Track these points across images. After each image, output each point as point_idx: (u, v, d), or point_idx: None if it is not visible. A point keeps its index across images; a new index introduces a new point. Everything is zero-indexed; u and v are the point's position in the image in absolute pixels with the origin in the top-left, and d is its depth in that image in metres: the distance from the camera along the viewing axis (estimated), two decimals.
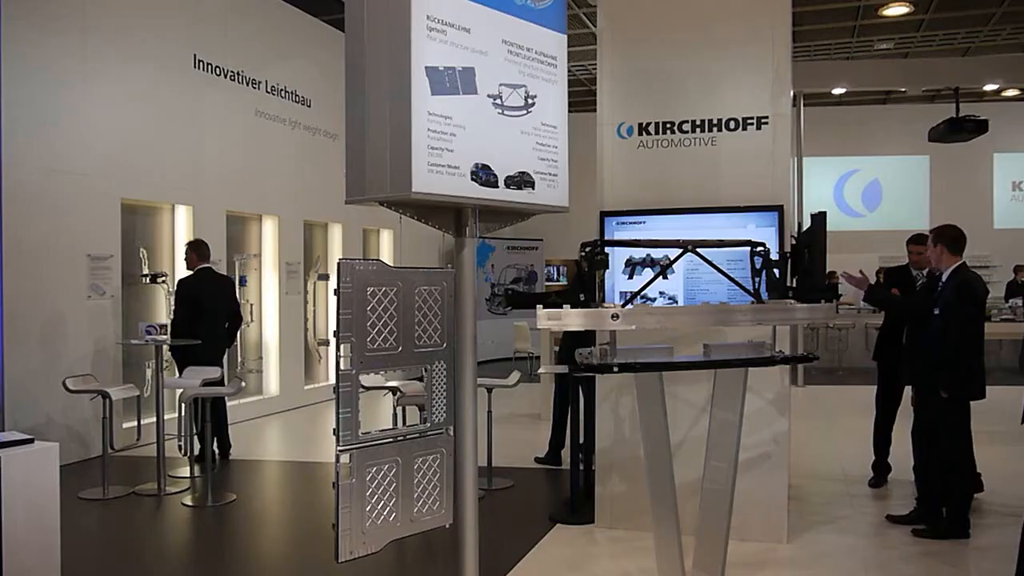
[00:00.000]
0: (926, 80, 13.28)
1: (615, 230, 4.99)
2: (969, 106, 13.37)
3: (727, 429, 3.66)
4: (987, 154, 15.69)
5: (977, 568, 4.61)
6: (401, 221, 11.80)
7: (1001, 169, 16.15)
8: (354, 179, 2.54)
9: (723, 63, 5.03)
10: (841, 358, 13.66)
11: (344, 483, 2.51)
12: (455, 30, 2.52)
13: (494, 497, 6.10)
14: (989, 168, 16.11)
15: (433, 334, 2.73)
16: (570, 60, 2.99)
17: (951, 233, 5.09)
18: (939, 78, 13.09)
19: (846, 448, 7.28)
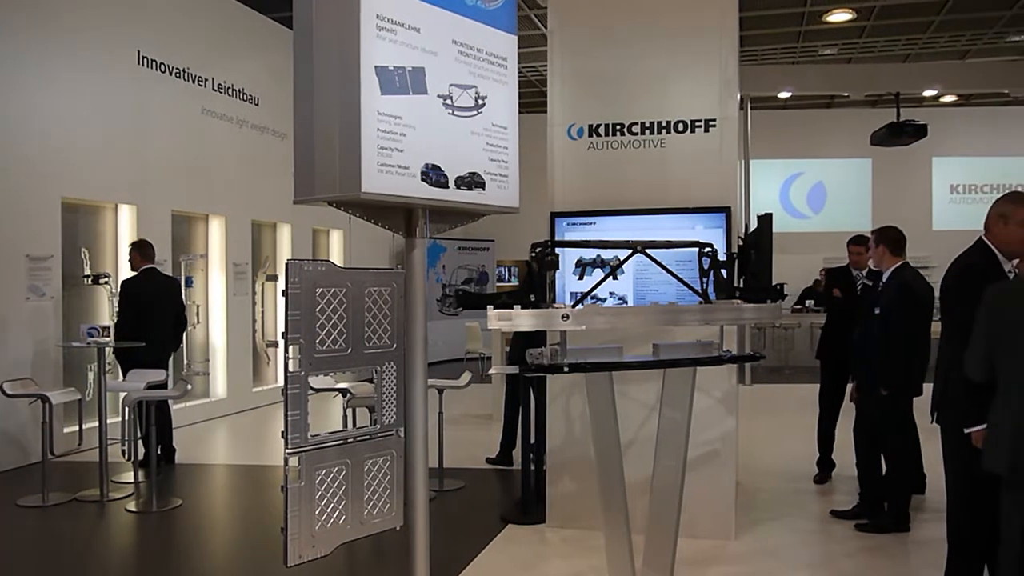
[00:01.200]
0: (868, 85, 13.61)
1: (565, 231, 5.02)
2: (909, 111, 13.74)
3: (676, 428, 3.70)
4: (926, 158, 16.11)
5: (916, 561, 4.74)
6: (351, 221, 11.71)
7: (939, 172, 16.60)
8: (302, 179, 2.51)
9: (672, 66, 5.09)
10: (787, 357, 13.92)
11: (293, 486, 2.48)
12: (405, 30, 2.51)
13: (445, 498, 6.08)
14: (928, 171, 16.54)
15: (383, 335, 2.71)
16: (521, 61, 2.99)
17: (892, 234, 5.22)
18: (881, 83, 13.42)
19: (792, 445, 7.42)
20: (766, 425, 8.84)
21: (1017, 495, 3.08)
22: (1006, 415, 3.10)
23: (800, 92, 13.72)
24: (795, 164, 16.53)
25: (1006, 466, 3.06)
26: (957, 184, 16.51)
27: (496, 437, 7.19)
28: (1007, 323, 3.12)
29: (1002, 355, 3.13)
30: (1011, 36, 12.80)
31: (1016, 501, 3.09)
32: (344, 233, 12.59)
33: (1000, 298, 3.19)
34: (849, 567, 4.65)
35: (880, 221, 7.21)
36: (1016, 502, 3.10)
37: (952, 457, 3.72)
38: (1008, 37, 12.85)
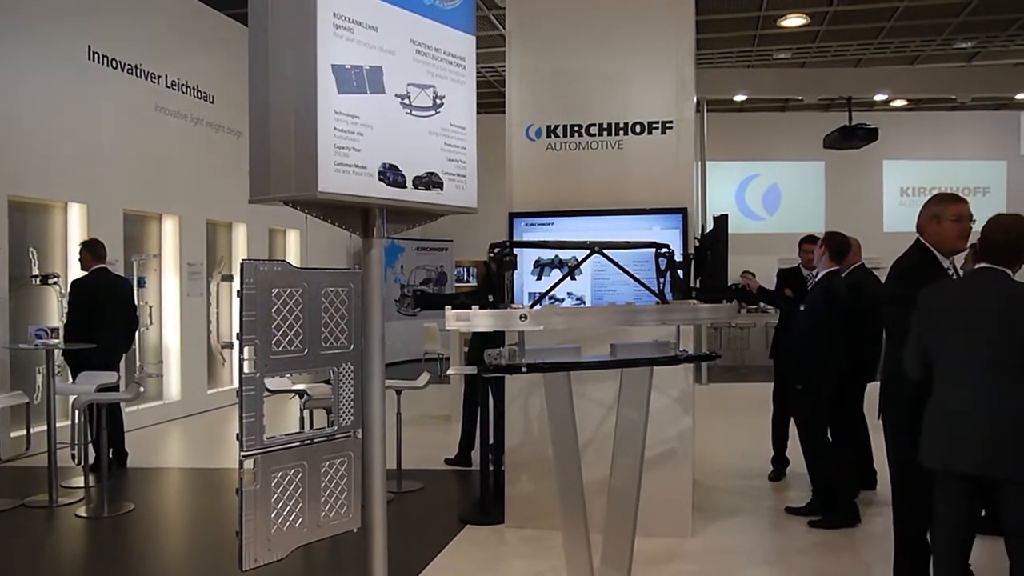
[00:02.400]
0: (821, 89, 13.84)
1: (523, 231, 5.03)
2: (861, 115, 14.00)
3: (633, 427, 3.73)
4: (877, 161, 16.44)
5: (868, 555, 4.82)
6: (307, 221, 11.60)
7: (890, 175, 16.95)
8: (258, 178, 2.48)
9: (630, 68, 5.13)
10: (743, 356, 14.10)
11: (248, 489, 2.45)
12: (362, 28, 2.50)
13: (403, 500, 6.06)
14: (879, 174, 16.88)
15: (340, 336, 2.69)
16: (479, 61, 2.99)
17: (837, 240, 5.39)
18: (833, 88, 13.66)
19: (747, 443, 7.52)
20: (722, 424, 8.95)
21: (949, 489, 3.17)
22: (939, 412, 3.18)
23: (755, 95, 13.91)
24: (750, 166, 16.75)
25: (941, 460, 3.14)
26: (907, 187, 16.88)
27: (455, 438, 7.18)
28: (937, 321, 3.20)
29: (937, 354, 3.21)
30: (958, 43, 13.13)
31: (947, 496, 3.17)
32: (301, 233, 12.47)
33: (932, 298, 3.28)
34: (803, 563, 4.72)
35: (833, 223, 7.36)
36: (948, 497, 3.17)
37: (894, 452, 3.82)
38: (955, 44, 13.18)
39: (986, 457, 3.01)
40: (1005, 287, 3.11)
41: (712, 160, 13.45)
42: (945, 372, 3.18)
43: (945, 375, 3.18)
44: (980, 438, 3.03)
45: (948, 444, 3.11)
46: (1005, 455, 2.98)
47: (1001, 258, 3.14)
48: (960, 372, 3.12)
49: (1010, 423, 2.99)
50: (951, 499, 3.18)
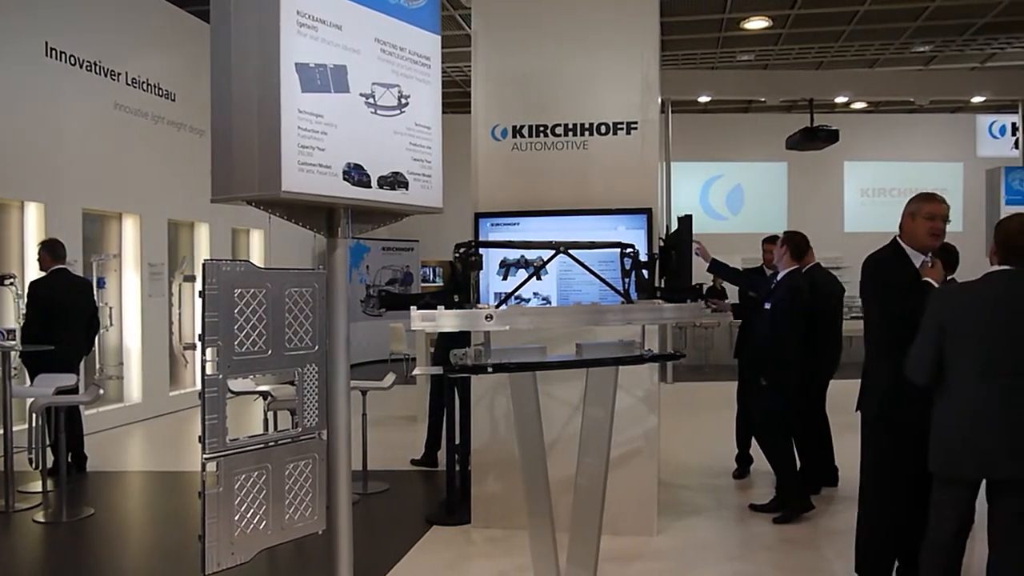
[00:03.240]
0: (784, 91, 14.01)
1: (489, 231, 5.03)
2: (822, 116, 14.19)
3: (599, 426, 3.74)
4: (839, 162, 16.67)
5: (830, 551, 4.89)
6: (270, 221, 11.49)
7: (851, 176, 17.21)
8: (220, 177, 2.45)
9: (595, 69, 5.15)
10: (707, 356, 14.22)
11: (210, 492, 2.42)
12: (326, 27, 2.48)
13: (369, 501, 6.03)
14: (840, 175, 17.12)
15: (304, 336, 2.67)
16: (445, 61, 2.99)
17: (797, 240, 5.47)
18: (795, 89, 13.83)
19: (712, 442, 7.58)
20: (687, 423, 9.02)
21: (955, 495, 3.19)
22: (956, 418, 3.17)
23: (719, 96, 14.05)
24: (714, 167, 16.90)
25: (968, 467, 3.14)
26: (867, 188, 17.14)
27: (421, 438, 7.16)
28: (956, 326, 3.19)
29: (951, 358, 3.18)
30: (916, 47, 13.37)
31: (956, 500, 3.20)
32: (265, 233, 12.35)
33: (947, 301, 3.27)
34: (768, 558, 4.78)
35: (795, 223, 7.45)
36: (956, 501, 3.20)
37: (867, 446, 3.87)
38: (913, 48, 13.42)
39: (1016, 461, 3.02)
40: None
41: (676, 161, 13.55)
42: (962, 378, 3.15)
43: (963, 381, 3.15)
44: (1008, 444, 3.03)
45: (968, 450, 3.11)
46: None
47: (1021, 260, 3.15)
48: (982, 378, 3.10)
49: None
50: (958, 504, 3.19)
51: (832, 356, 6.00)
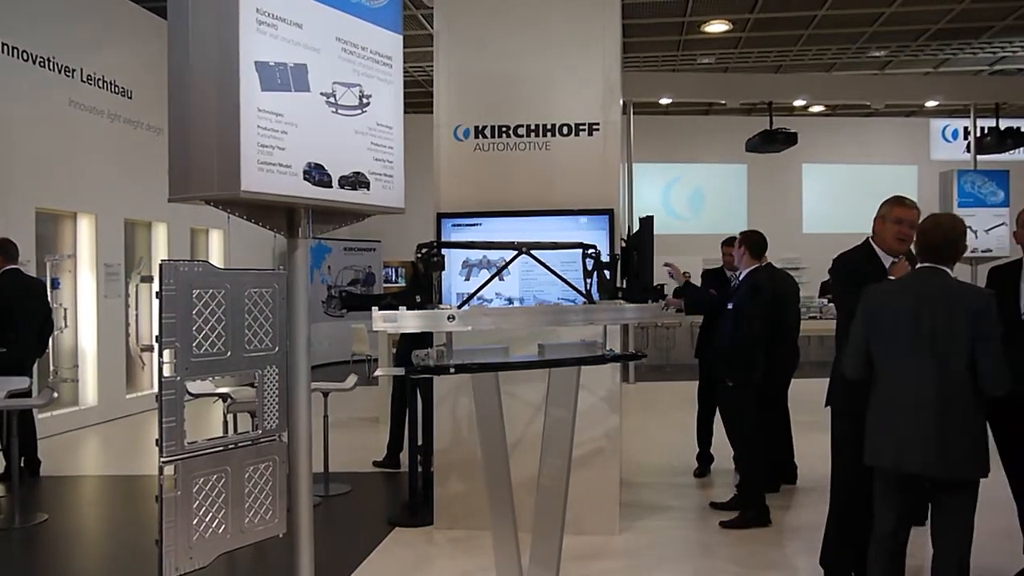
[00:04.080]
0: (743, 94, 14.20)
1: (451, 232, 5.02)
2: (781, 119, 14.39)
3: (561, 426, 3.76)
4: (797, 164, 16.94)
5: (790, 548, 4.97)
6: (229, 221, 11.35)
7: (809, 178, 17.49)
8: (178, 176, 2.42)
9: (557, 70, 5.17)
10: (668, 355, 14.33)
11: (168, 496, 2.39)
12: (286, 25, 2.46)
13: (331, 503, 5.98)
14: (799, 177, 17.40)
15: (264, 338, 2.65)
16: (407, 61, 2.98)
17: (755, 238, 5.52)
18: (754, 92, 14.02)
19: (673, 441, 7.65)
20: (649, 422, 9.09)
21: (891, 487, 3.26)
22: (883, 411, 3.25)
23: (680, 99, 14.18)
24: (676, 168, 17.06)
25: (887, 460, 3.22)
26: (825, 189, 17.43)
27: (383, 440, 7.12)
28: (884, 322, 3.27)
29: (880, 354, 3.27)
30: (872, 52, 13.62)
31: (889, 493, 3.27)
32: (224, 233, 12.20)
33: (874, 297, 3.35)
34: (727, 555, 4.83)
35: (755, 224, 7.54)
36: (889, 494, 3.27)
37: (836, 442, 3.93)
38: (869, 52, 13.67)
39: (932, 457, 3.08)
40: (946, 286, 3.20)
41: (639, 162, 13.65)
42: (888, 371, 3.24)
43: (888, 374, 3.24)
44: (926, 438, 3.10)
45: (894, 444, 3.18)
46: (949, 456, 3.07)
47: (940, 256, 3.24)
48: (903, 371, 3.18)
49: (954, 424, 3.07)
50: (892, 497, 3.27)
51: (789, 355, 6.08)
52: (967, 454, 3.08)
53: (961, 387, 3.07)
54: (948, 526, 3.15)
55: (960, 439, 3.07)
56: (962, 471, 3.10)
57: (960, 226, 3.30)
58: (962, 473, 3.10)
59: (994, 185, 12.81)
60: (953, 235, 3.25)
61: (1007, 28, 12.29)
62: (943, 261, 3.23)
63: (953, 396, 3.07)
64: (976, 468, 3.10)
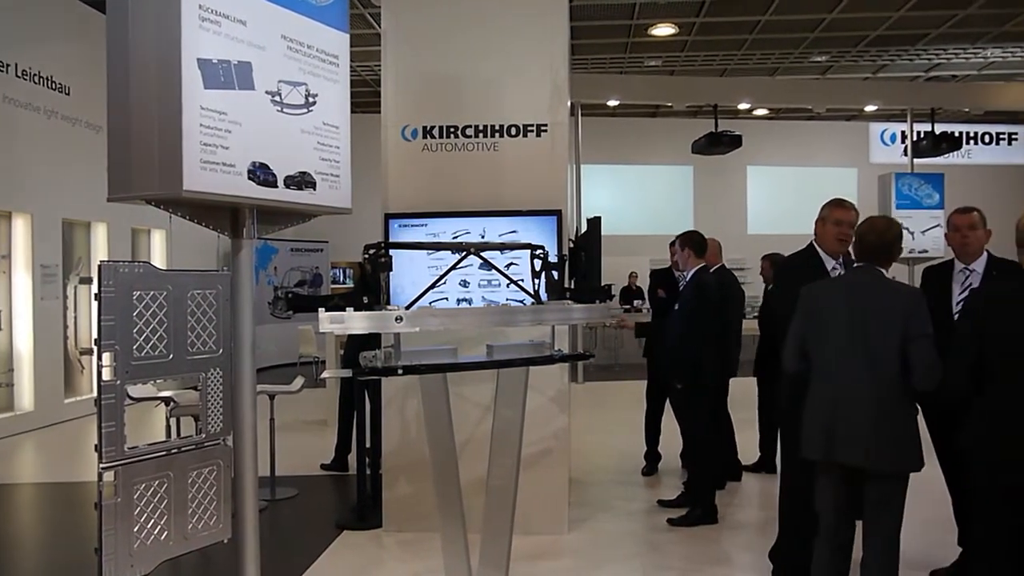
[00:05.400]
0: (689, 96, 14.40)
1: (398, 232, 4.99)
2: (727, 122, 14.63)
3: (510, 427, 3.76)
4: (742, 166, 17.23)
5: (735, 544, 5.04)
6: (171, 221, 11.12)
7: (753, 180, 17.81)
8: (118, 175, 2.37)
9: (505, 71, 5.17)
10: (617, 355, 14.46)
11: (108, 503, 2.34)
12: (230, 22, 2.42)
13: (277, 508, 5.90)
14: (743, 179, 17.70)
15: (208, 340, 2.60)
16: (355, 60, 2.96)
17: (695, 238, 5.58)
18: (700, 95, 14.23)
19: (621, 440, 7.71)
20: (597, 421, 9.16)
21: (828, 479, 3.34)
22: (818, 405, 3.34)
23: (627, 101, 14.31)
24: (624, 169, 17.22)
25: (821, 451, 3.30)
26: (768, 191, 17.75)
27: (331, 442, 7.05)
28: (819, 319, 3.35)
29: (815, 348, 3.36)
30: (814, 57, 13.92)
31: (828, 485, 3.35)
32: (167, 233, 11.96)
33: (811, 294, 3.44)
34: (676, 552, 4.88)
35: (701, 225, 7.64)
36: (828, 486, 3.35)
37: (783, 437, 4.01)
38: (811, 57, 13.97)
39: (865, 450, 3.17)
40: (879, 284, 3.30)
41: (586, 163, 13.74)
42: (823, 366, 3.33)
43: (823, 369, 3.33)
44: (858, 431, 3.19)
45: (828, 437, 3.26)
46: (882, 449, 3.16)
47: (875, 257, 3.34)
48: (838, 366, 3.27)
49: (887, 418, 3.16)
50: (828, 490, 3.34)
51: (732, 355, 6.14)
52: (899, 448, 3.17)
53: (893, 383, 3.16)
54: (879, 517, 3.24)
55: (892, 433, 3.16)
56: (894, 464, 3.19)
57: (895, 228, 3.40)
58: (894, 466, 3.19)
59: (930, 188, 13.21)
60: (888, 237, 3.34)
61: (942, 36, 12.68)
62: (878, 262, 3.33)
63: (885, 392, 3.17)
64: (908, 461, 3.19)
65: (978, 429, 2.94)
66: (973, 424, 2.98)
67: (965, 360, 2.91)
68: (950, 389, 3.04)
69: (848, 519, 3.38)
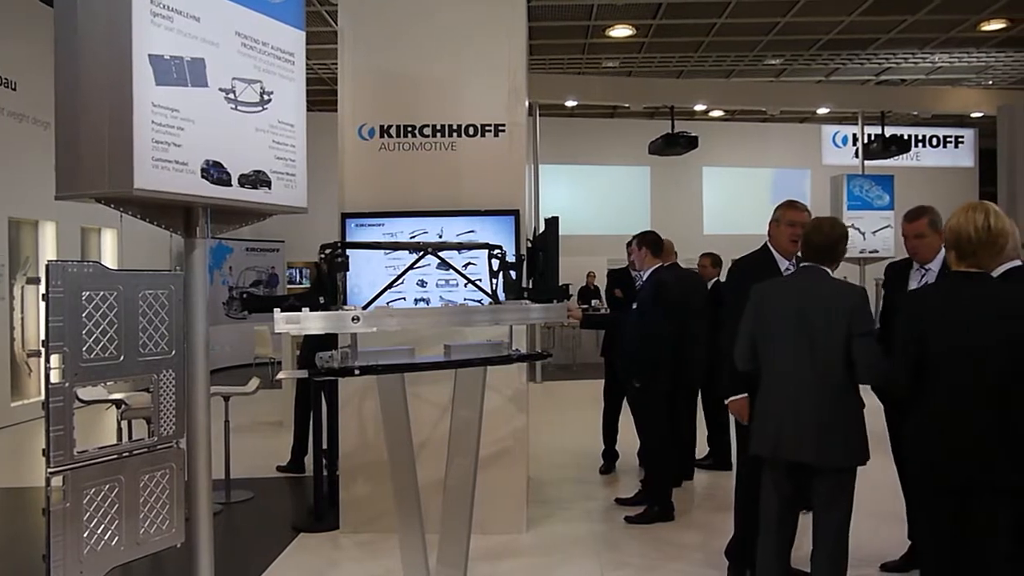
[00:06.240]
0: (646, 98, 14.51)
1: (354, 232, 4.95)
2: (683, 123, 14.79)
3: (468, 427, 3.76)
4: (698, 167, 17.43)
5: (690, 541, 5.09)
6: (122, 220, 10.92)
7: (709, 181, 18.02)
8: (66, 173, 2.32)
9: (463, 71, 5.17)
10: (575, 355, 14.52)
11: (56, 508, 2.29)
12: (183, 18, 2.39)
13: (232, 511, 5.82)
14: (699, 179, 17.90)
15: (160, 341, 2.56)
16: (311, 58, 2.93)
17: (651, 238, 5.62)
18: (657, 97, 14.35)
19: (579, 439, 7.74)
20: (555, 421, 9.18)
21: (776, 475, 3.40)
22: (767, 403, 3.40)
23: (585, 101, 14.39)
24: (582, 170, 17.30)
25: (769, 449, 3.36)
26: (724, 192, 17.97)
27: (287, 444, 6.98)
28: (768, 318, 3.41)
29: (764, 347, 3.42)
30: (768, 60, 14.13)
31: (775, 481, 3.41)
32: (118, 232, 11.73)
33: (760, 294, 3.49)
34: (633, 549, 4.92)
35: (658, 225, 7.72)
36: (775, 482, 3.41)
37: (738, 436, 4.06)
38: (765, 60, 14.18)
39: (812, 446, 3.23)
40: (824, 284, 3.36)
41: (544, 163, 13.78)
42: (772, 365, 3.38)
43: (772, 368, 3.38)
44: (806, 428, 3.24)
45: (777, 434, 3.32)
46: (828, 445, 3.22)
47: (821, 257, 3.40)
48: (785, 365, 3.32)
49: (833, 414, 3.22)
50: (778, 485, 3.40)
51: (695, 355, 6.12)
52: (847, 443, 3.24)
53: (838, 380, 3.22)
54: (828, 511, 3.31)
55: (840, 429, 3.23)
56: (840, 459, 3.26)
57: (840, 229, 3.46)
58: (840, 461, 3.26)
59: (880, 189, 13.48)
60: (833, 237, 3.41)
61: (891, 41, 12.96)
62: (824, 262, 3.40)
63: (831, 388, 3.23)
64: (854, 456, 3.26)
65: (916, 427, 3.02)
66: (912, 422, 3.06)
67: (905, 360, 2.98)
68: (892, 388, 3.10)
69: (793, 514, 3.45)
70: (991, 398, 2.83)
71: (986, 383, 2.83)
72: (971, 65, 14.52)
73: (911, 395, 3.02)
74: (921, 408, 2.99)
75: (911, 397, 3.04)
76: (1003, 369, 2.82)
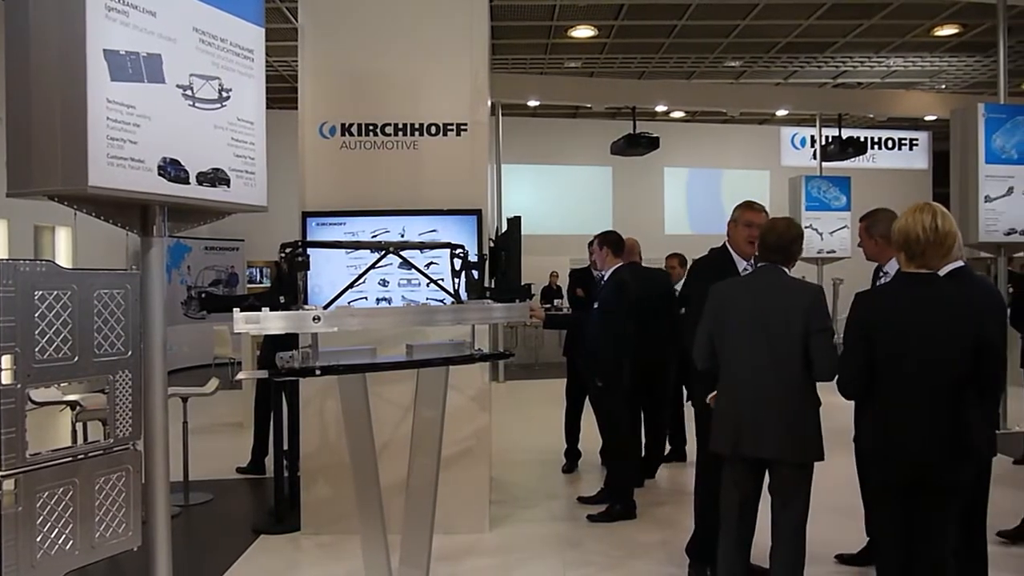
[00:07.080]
0: (608, 98, 14.60)
1: (315, 231, 4.91)
2: (644, 124, 14.90)
3: (431, 426, 3.75)
4: (659, 168, 17.57)
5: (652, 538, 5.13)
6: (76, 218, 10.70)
7: (670, 181, 18.18)
8: (18, 169, 2.27)
9: (425, 69, 5.15)
10: (537, 354, 14.55)
11: (8, 512, 2.24)
12: (139, 12, 2.35)
13: (191, 513, 5.74)
14: (661, 180, 18.05)
15: (116, 341, 2.52)
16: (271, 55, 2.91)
17: (612, 237, 5.65)
18: (618, 97, 14.44)
19: (542, 438, 7.76)
20: (518, 420, 9.19)
21: (735, 472, 3.44)
22: (727, 400, 3.44)
23: (548, 101, 14.43)
24: (544, 169, 17.35)
25: (729, 446, 3.40)
26: (685, 192, 18.14)
27: (247, 445, 6.90)
28: (726, 317, 3.45)
29: (722, 346, 3.46)
30: (728, 62, 14.29)
31: (734, 477, 3.45)
32: (72, 231, 11.50)
33: (717, 293, 3.54)
34: (595, 547, 4.94)
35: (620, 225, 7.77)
36: (735, 479, 3.45)
37: (698, 434, 4.10)
38: (725, 62, 14.34)
39: (771, 443, 3.29)
40: (780, 283, 3.41)
41: (507, 163, 13.79)
42: (730, 363, 3.43)
43: (730, 366, 3.43)
44: (764, 425, 3.30)
45: (735, 431, 3.36)
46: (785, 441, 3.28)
47: (777, 257, 3.45)
48: (743, 363, 3.37)
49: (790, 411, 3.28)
50: (737, 482, 3.44)
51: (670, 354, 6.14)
52: (805, 440, 3.30)
53: (796, 377, 3.28)
54: (786, 506, 3.36)
55: (795, 426, 3.29)
56: (800, 455, 3.31)
57: (795, 230, 3.51)
58: (801, 457, 3.31)
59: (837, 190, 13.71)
60: (788, 237, 3.46)
61: (848, 44, 13.19)
62: (780, 261, 3.45)
63: (788, 386, 3.28)
64: (812, 452, 3.32)
65: (867, 425, 3.08)
66: (863, 421, 3.12)
67: (854, 360, 3.03)
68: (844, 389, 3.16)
69: (753, 510, 3.49)
70: (938, 397, 2.89)
71: (933, 382, 2.89)
72: (925, 69, 14.83)
73: (863, 394, 3.08)
74: (871, 407, 3.05)
75: (863, 396, 3.09)
76: (950, 368, 2.88)
